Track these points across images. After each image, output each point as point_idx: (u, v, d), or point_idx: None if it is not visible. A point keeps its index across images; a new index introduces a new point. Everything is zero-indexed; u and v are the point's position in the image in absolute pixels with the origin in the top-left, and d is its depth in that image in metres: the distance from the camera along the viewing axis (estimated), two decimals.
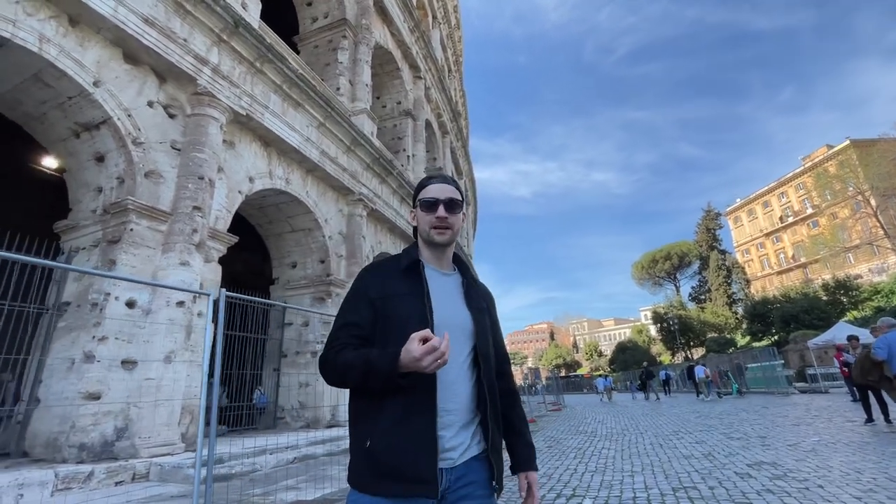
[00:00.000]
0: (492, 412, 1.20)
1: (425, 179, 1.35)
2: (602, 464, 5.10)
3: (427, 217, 1.28)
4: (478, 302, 1.31)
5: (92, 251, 6.37)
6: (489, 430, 1.18)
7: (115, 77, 6.29)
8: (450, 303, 1.26)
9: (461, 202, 1.32)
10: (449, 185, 1.32)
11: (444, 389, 1.14)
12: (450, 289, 1.29)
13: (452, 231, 1.29)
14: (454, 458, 1.14)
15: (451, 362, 1.12)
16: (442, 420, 1.13)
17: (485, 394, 1.19)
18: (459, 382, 1.18)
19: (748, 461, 4.77)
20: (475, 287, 1.33)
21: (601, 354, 76.26)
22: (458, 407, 1.17)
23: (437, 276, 1.29)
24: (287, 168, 9.38)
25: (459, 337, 1.21)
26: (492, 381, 1.23)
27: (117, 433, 5.54)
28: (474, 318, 1.25)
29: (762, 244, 59.59)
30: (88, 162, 6.69)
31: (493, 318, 1.36)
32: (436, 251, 1.31)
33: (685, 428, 8.38)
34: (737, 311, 47.85)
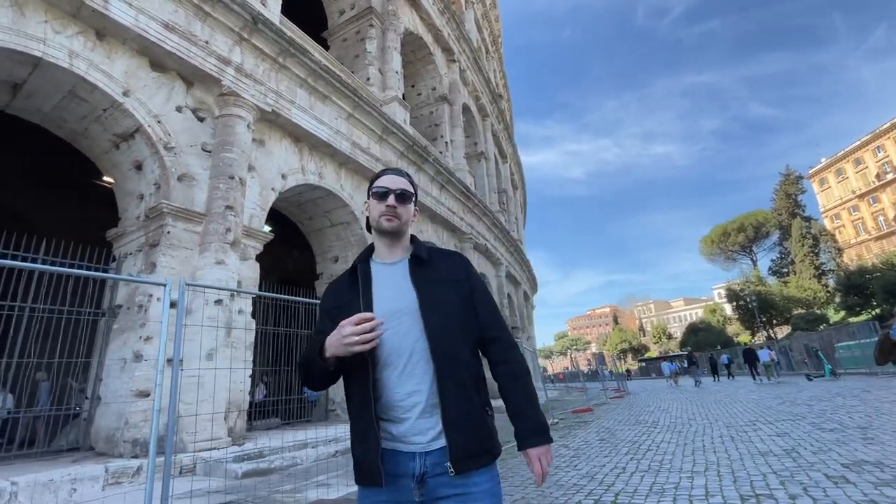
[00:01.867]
0: (449, 379, 1.17)
1: (379, 172, 1.40)
2: (658, 462, 4.42)
3: (378, 206, 1.31)
4: (430, 275, 1.28)
5: (137, 256, 6.66)
6: (446, 406, 1.15)
7: (144, 85, 6.47)
8: (394, 290, 1.26)
9: (412, 194, 1.35)
10: (401, 178, 1.36)
11: (399, 373, 1.18)
12: (393, 276, 1.30)
13: (400, 220, 1.31)
14: (423, 441, 1.14)
15: (402, 344, 1.19)
16: (402, 404, 1.16)
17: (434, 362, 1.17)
18: (414, 364, 1.18)
19: (844, 460, 3.88)
20: (427, 262, 1.31)
21: (670, 337, 72.01)
22: (420, 388, 1.17)
23: (382, 269, 1.32)
24: (319, 162, 9.36)
25: (406, 320, 1.21)
26: (448, 348, 1.19)
27: (167, 429, 5.74)
28: (420, 294, 1.23)
29: (855, 207, 52.82)
30: (129, 171, 6.99)
31: (467, 287, 1.31)
32: (386, 240, 1.33)
33: (765, 417, 7.36)
34: (827, 283, 42.86)
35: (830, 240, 46.77)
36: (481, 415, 1.18)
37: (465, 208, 15.55)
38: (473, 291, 1.31)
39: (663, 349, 66.82)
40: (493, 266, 18.72)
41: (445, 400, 1.15)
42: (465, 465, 1.12)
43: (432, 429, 1.15)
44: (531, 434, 1.20)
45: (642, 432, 6.56)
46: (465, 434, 1.14)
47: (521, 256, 24.44)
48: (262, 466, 5.27)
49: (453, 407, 1.15)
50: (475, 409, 1.18)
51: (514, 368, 1.28)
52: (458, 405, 1.15)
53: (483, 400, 1.21)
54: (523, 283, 24.95)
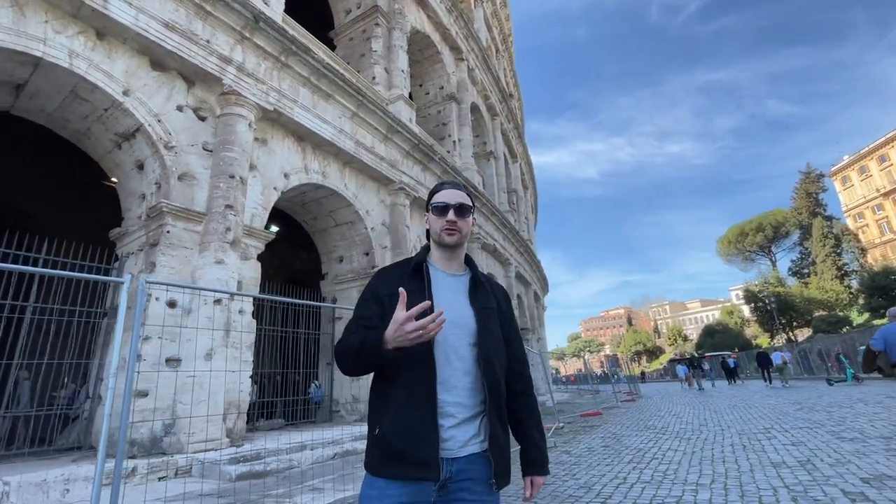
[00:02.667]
0: (493, 409, 1.24)
1: (438, 185, 1.44)
2: (662, 472, 4.17)
3: (439, 221, 1.35)
4: (485, 301, 1.35)
5: (138, 255, 6.67)
6: (490, 427, 1.23)
7: (144, 85, 6.46)
8: (453, 301, 1.30)
9: (471, 207, 1.39)
10: (459, 192, 1.40)
11: (442, 381, 1.21)
12: (455, 288, 1.35)
13: (461, 234, 1.36)
14: (454, 448, 1.19)
15: (450, 356, 1.24)
16: (441, 410, 1.19)
17: (486, 391, 1.23)
18: (459, 377, 1.23)
19: (864, 474, 3.59)
20: (483, 287, 1.38)
21: (686, 339, 70.69)
22: (458, 400, 1.22)
23: (443, 276, 1.36)
24: (323, 161, 9.31)
25: (459, 333, 1.26)
26: (495, 379, 1.26)
27: (165, 429, 5.71)
28: (477, 317, 1.30)
29: (880, 206, 51.13)
30: (132, 171, 7.00)
31: (507, 318, 1.40)
32: (445, 252, 1.38)
33: (780, 424, 7.04)
34: (850, 284, 41.53)
35: (853, 239, 45.33)
36: (507, 442, 1.29)
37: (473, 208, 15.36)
38: (511, 323, 1.41)
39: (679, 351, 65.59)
40: (502, 266, 18.50)
41: (492, 422, 1.23)
42: (501, 483, 1.24)
43: (464, 437, 1.20)
44: (539, 465, 1.34)
45: (649, 439, 6.29)
46: (503, 457, 1.24)
47: (531, 257, 24.16)
48: (257, 469, 5.19)
49: (498, 430, 1.24)
50: (507, 435, 1.30)
51: (533, 403, 1.40)
52: (500, 429, 1.25)
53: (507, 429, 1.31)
54: (533, 284, 24.66)
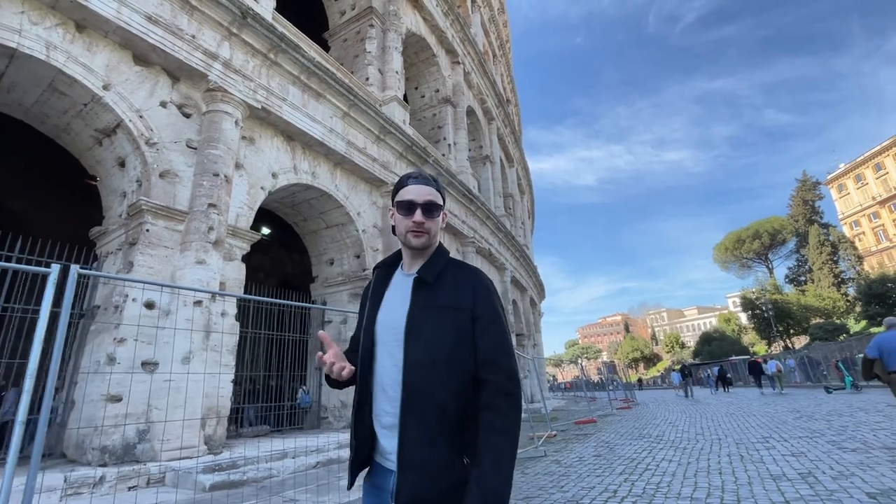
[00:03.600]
0: (413, 420, 1.09)
1: (403, 178, 1.31)
2: (655, 484, 3.91)
3: (404, 221, 1.26)
4: (430, 299, 1.20)
5: (117, 255, 6.45)
6: (403, 441, 1.08)
7: (126, 79, 6.29)
8: (395, 304, 1.24)
9: (440, 205, 1.29)
10: (428, 187, 1.29)
11: (380, 391, 1.18)
12: (401, 289, 1.27)
13: (429, 235, 1.26)
14: (395, 461, 1.10)
15: (386, 362, 1.18)
16: (382, 420, 1.15)
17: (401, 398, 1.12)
18: (394, 386, 1.15)
19: (870, 487, 3.36)
20: (429, 286, 1.22)
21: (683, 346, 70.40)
22: (395, 410, 1.13)
23: (399, 280, 1.30)
24: (313, 162, 9.13)
25: (390, 339, 1.19)
26: (419, 390, 1.11)
27: (139, 435, 5.47)
28: (409, 317, 1.18)
29: (876, 214, 51.29)
30: (113, 168, 6.81)
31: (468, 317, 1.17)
32: (411, 252, 1.30)
33: (779, 433, 6.82)
34: (847, 292, 41.47)
35: (850, 247, 45.34)
36: (444, 462, 1.05)
37: (468, 211, 15.21)
38: (476, 321, 1.16)
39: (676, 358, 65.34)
40: (498, 271, 18.32)
41: (404, 436, 1.08)
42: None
43: None
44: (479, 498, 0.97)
45: (643, 448, 6.07)
46: (419, 480, 1.04)
47: (527, 262, 23.98)
48: (233, 478, 4.95)
49: (410, 446, 1.07)
50: (439, 455, 1.05)
51: (494, 418, 1.06)
52: (417, 446, 1.06)
53: (455, 446, 1.06)
54: (530, 290, 24.46)
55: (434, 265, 1.26)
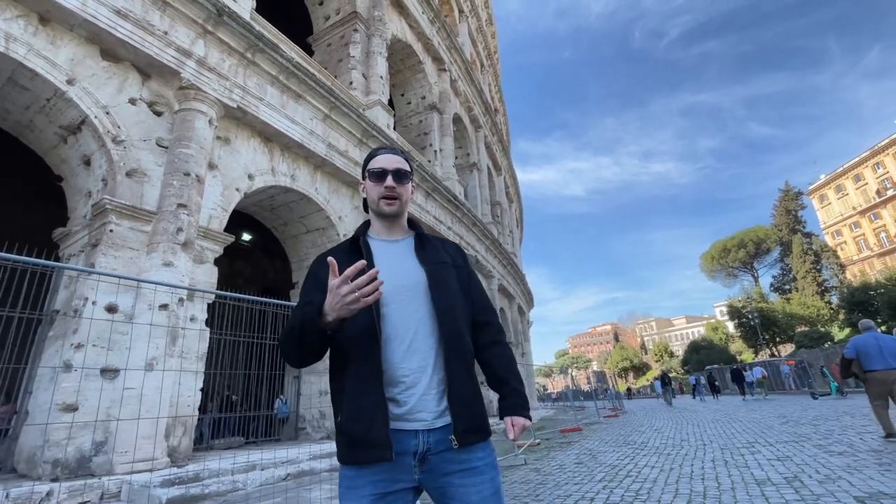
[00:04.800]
0: (456, 362, 1.18)
1: (373, 151, 1.37)
2: (634, 492, 3.72)
3: (376, 188, 1.30)
4: (435, 256, 1.30)
5: (80, 257, 6.17)
6: (450, 382, 1.17)
7: (92, 74, 6.06)
8: (399, 265, 1.26)
9: (409, 172, 1.34)
10: (396, 156, 1.34)
11: (404, 349, 1.17)
12: (399, 252, 1.30)
13: (401, 201, 1.31)
14: (427, 419, 1.14)
15: (407, 320, 1.19)
16: (407, 379, 1.15)
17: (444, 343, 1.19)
18: (420, 339, 1.18)
19: (857, 491, 3.24)
20: (430, 244, 1.33)
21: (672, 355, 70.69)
22: (423, 364, 1.17)
23: (384, 245, 1.31)
24: (292, 164, 8.93)
25: (412, 294, 1.22)
26: (456, 331, 1.21)
27: (95, 447, 5.14)
28: (428, 272, 1.25)
29: (856, 223, 52.37)
30: (78, 167, 6.55)
31: (462, 270, 1.35)
32: (385, 222, 1.32)
33: (765, 437, 6.69)
34: (830, 300, 42.06)
35: (832, 256, 46.15)
36: (479, 393, 1.21)
37: (454, 217, 15.08)
38: (470, 277, 1.36)
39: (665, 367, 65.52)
40: (484, 278, 18.14)
41: (451, 377, 1.17)
42: (469, 438, 1.14)
43: (437, 406, 1.15)
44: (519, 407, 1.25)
45: (626, 455, 5.87)
46: (469, 410, 1.16)
47: (515, 270, 23.87)
48: (192, 492, 4.65)
49: (459, 384, 1.17)
50: (476, 388, 1.21)
51: (504, 350, 1.33)
52: (463, 382, 1.17)
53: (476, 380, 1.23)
54: (518, 298, 24.31)
55: (421, 229, 1.36)
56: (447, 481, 1.12)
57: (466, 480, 1.12)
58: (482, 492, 1.12)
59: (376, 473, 1.10)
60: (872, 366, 5.62)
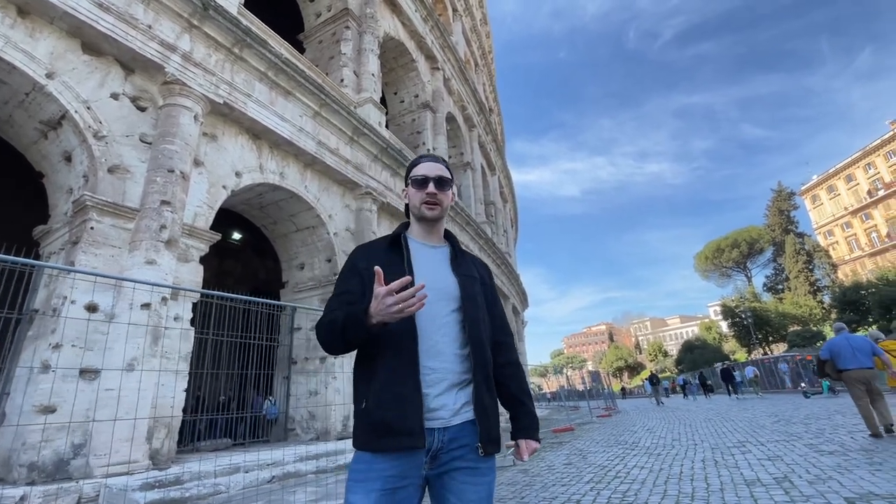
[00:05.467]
0: (480, 375, 1.23)
1: (416, 159, 1.43)
2: (622, 493, 3.65)
3: (418, 194, 1.37)
4: (467, 270, 1.37)
5: (60, 255, 6.03)
6: (477, 393, 1.21)
7: (73, 68, 5.92)
8: (434, 270, 1.31)
9: (450, 180, 1.40)
10: (438, 164, 1.40)
11: (427, 349, 1.21)
12: (436, 259, 1.36)
13: (442, 207, 1.37)
14: (445, 417, 1.18)
15: (434, 323, 1.23)
16: (427, 378, 1.19)
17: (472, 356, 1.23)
18: (444, 343, 1.23)
19: (848, 492, 3.17)
20: (464, 258, 1.40)
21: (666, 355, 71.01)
22: (444, 367, 1.21)
23: (423, 248, 1.37)
24: (282, 162, 8.81)
25: (442, 300, 1.27)
26: (481, 345, 1.25)
27: (74, 450, 5.01)
28: (461, 283, 1.31)
29: (848, 223, 52.81)
30: (59, 163, 6.40)
31: (489, 288, 1.42)
32: (426, 226, 1.39)
33: (756, 437, 6.65)
34: (822, 299, 42.35)
35: (824, 256, 46.48)
36: (497, 405, 1.28)
37: (447, 216, 15.00)
38: (494, 297, 1.42)
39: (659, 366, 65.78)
40: None
41: (477, 387, 1.21)
42: (491, 448, 1.21)
43: (454, 405, 1.18)
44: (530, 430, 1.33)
45: (616, 455, 5.82)
46: (490, 421, 1.21)
47: (509, 269, 23.82)
48: (173, 495, 4.54)
49: (483, 394, 1.21)
50: (495, 399, 1.28)
51: (519, 371, 1.39)
52: (486, 393, 1.22)
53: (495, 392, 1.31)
54: (512, 297, 24.27)
55: (457, 242, 1.43)
56: (450, 476, 1.17)
57: (468, 479, 1.17)
58: (479, 493, 1.18)
59: (388, 468, 1.13)
60: (846, 365, 5.97)
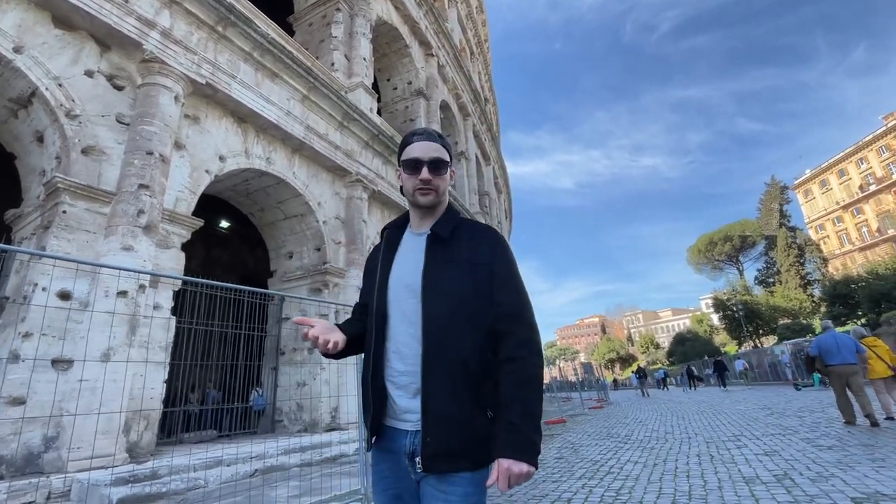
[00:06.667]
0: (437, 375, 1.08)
1: (408, 136, 1.29)
2: (615, 490, 3.48)
3: (411, 179, 1.25)
4: (447, 254, 1.19)
5: (32, 241, 5.75)
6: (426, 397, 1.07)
7: (43, 43, 5.60)
8: (407, 262, 1.23)
9: (447, 161, 1.27)
10: (434, 143, 1.26)
11: (393, 351, 1.16)
12: (415, 247, 1.25)
13: (437, 192, 1.25)
14: (412, 420, 1.10)
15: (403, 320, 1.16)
16: (396, 380, 1.14)
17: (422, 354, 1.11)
18: (410, 343, 1.14)
19: (854, 492, 2.99)
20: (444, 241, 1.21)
21: (658, 347, 71.58)
22: (409, 369, 1.13)
23: (409, 239, 1.29)
24: (268, 146, 8.52)
25: (406, 296, 1.18)
26: (439, 340, 1.09)
27: (45, 443, 4.80)
28: (425, 273, 1.17)
29: (839, 218, 53.17)
30: (31, 144, 6.09)
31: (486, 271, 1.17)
32: (419, 213, 1.28)
33: (751, 430, 6.57)
34: (812, 293, 42.72)
35: (815, 250, 46.81)
36: (468, 413, 1.06)
37: None
38: (493, 277, 1.17)
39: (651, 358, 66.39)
40: None
41: (427, 389, 1.08)
42: (438, 465, 1.04)
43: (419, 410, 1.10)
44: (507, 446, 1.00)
45: (609, 448, 5.69)
46: (444, 431, 1.04)
47: None
48: (149, 490, 4.34)
49: (435, 399, 1.06)
50: (462, 406, 1.06)
51: (516, 368, 1.07)
52: (441, 398, 1.06)
53: (477, 399, 1.07)
54: None
55: (448, 221, 1.25)
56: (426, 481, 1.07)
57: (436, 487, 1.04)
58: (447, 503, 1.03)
59: (385, 469, 1.14)
60: (832, 361, 6.47)
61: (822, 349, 6.60)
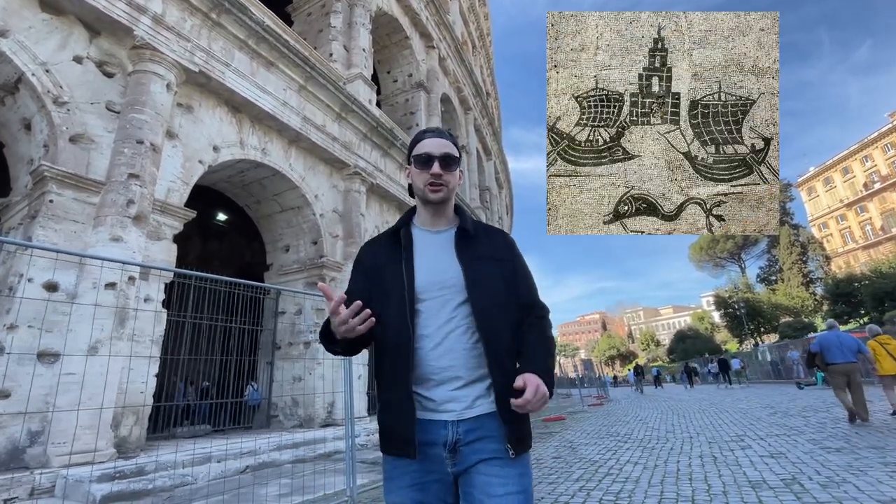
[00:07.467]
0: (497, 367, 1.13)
1: (420, 134, 1.32)
2: (614, 494, 3.32)
3: (422, 175, 1.26)
4: (475, 251, 1.24)
5: (19, 231, 5.61)
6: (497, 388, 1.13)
7: (29, 27, 5.43)
8: (437, 261, 1.23)
9: (457, 158, 1.28)
10: (444, 140, 1.29)
11: (431, 346, 1.15)
12: (439, 245, 1.26)
13: (448, 188, 1.27)
14: (457, 409, 1.13)
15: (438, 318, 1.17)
16: (436, 377, 1.14)
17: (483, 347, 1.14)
18: (452, 338, 1.16)
19: (869, 500, 2.78)
20: (472, 237, 1.26)
21: (658, 344, 71.47)
22: (455, 363, 1.14)
23: (426, 236, 1.28)
24: (264, 137, 8.35)
25: (447, 294, 1.19)
26: (495, 333, 1.16)
27: (31, 438, 4.69)
28: (465, 270, 1.20)
29: (843, 216, 52.79)
30: (19, 131, 5.94)
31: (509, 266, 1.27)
32: (431, 210, 1.29)
33: (755, 430, 6.43)
34: (815, 291, 42.48)
35: (818, 248, 46.51)
36: None
37: None
38: (515, 271, 1.27)
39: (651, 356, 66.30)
40: None
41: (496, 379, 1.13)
42: (518, 448, 1.10)
43: (467, 398, 1.13)
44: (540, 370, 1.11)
45: (608, 448, 5.55)
46: (518, 415, 1.11)
47: None
48: (134, 487, 4.22)
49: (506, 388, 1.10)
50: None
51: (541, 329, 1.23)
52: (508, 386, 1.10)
53: None
54: None
55: (466, 220, 1.28)
56: (475, 469, 1.09)
57: (493, 471, 1.07)
58: (508, 487, 1.06)
59: (411, 464, 1.11)
60: (833, 359, 6.60)
61: (824, 347, 6.79)
